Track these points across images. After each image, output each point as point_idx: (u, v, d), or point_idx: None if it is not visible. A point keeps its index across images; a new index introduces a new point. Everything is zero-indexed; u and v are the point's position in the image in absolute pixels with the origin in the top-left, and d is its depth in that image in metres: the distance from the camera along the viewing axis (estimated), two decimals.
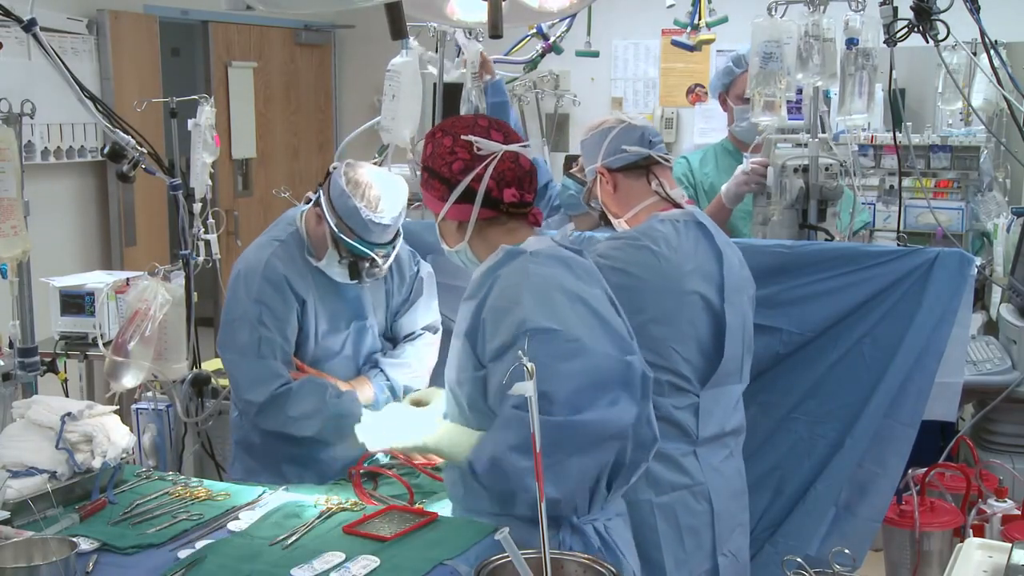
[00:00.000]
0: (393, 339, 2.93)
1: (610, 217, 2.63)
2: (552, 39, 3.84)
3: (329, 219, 2.60)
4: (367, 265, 2.65)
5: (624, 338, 2.03)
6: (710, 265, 2.46)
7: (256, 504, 2.25)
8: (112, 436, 2.34)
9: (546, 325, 1.92)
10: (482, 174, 2.03)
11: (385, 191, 2.62)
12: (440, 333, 2.96)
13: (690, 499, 2.42)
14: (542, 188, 3.46)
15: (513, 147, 2.06)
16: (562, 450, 1.88)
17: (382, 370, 2.83)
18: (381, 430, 2.24)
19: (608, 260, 2.37)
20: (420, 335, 2.94)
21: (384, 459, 2.70)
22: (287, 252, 2.69)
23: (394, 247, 2.68)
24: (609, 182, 2.56)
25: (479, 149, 2.03)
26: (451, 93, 3.57)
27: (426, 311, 2.95)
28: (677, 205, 2.52)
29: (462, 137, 2.05)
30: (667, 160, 2.57)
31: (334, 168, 2.65)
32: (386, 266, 2.68)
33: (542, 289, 1.98)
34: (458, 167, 2.05)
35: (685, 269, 2.41)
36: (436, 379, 2.87)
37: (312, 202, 2.69)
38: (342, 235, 2.59)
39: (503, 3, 2.25)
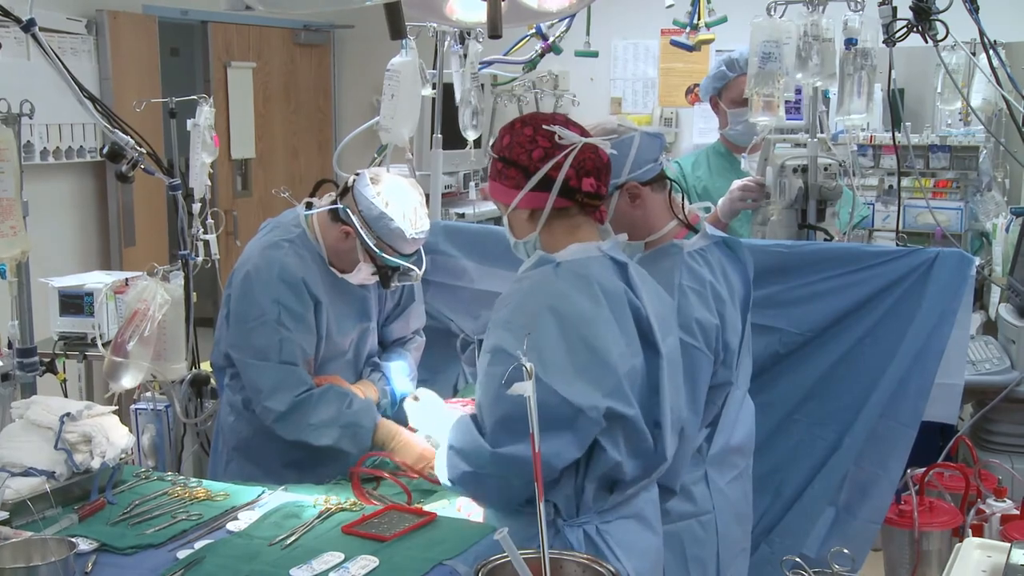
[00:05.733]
0: (382, 343, 2.95)
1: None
2: (551, 39, 3.83)
3: (367, 239, 2.61)
4: (397, 272, 2.70)
5: (599, 377, 1.97)
6: (735, 282, 2.45)
7: (255, 504, 2.25)
8: (111, 436, 2.34)
9: (508, 350, 1.92)
10: (562, 162, 2.03)
11: (416, 203, 2.66)
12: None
13: (697, 528, 2.38)
14: None
15: (594, 139, 2.08)
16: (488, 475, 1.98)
17: (384, 374, 2.84)
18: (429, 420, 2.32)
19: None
20: (411, 339, 2.98)
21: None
22: (298, 253, 2.66)
23: (421, 251, 2.74)
24: (638, 198, 2.36)
25: (560, 139, 2.04)
26: (451, 93, 3.57)
27: (417, 316, 2.99)
28: (689, 224, 2.41)
29: (544, 127, 2.05)
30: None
31: (353, 182, 2.65)
32: (423, 271, 2.72)
33: (532, 310, 1.99)
34: (538, 155, 2.05)
35: (727, 302, 2.40)
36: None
37: (335, 218, 2.66)
38: (382, 253, 2.63)
39: (502, 3, 2.25)
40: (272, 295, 2.60)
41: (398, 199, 2.62)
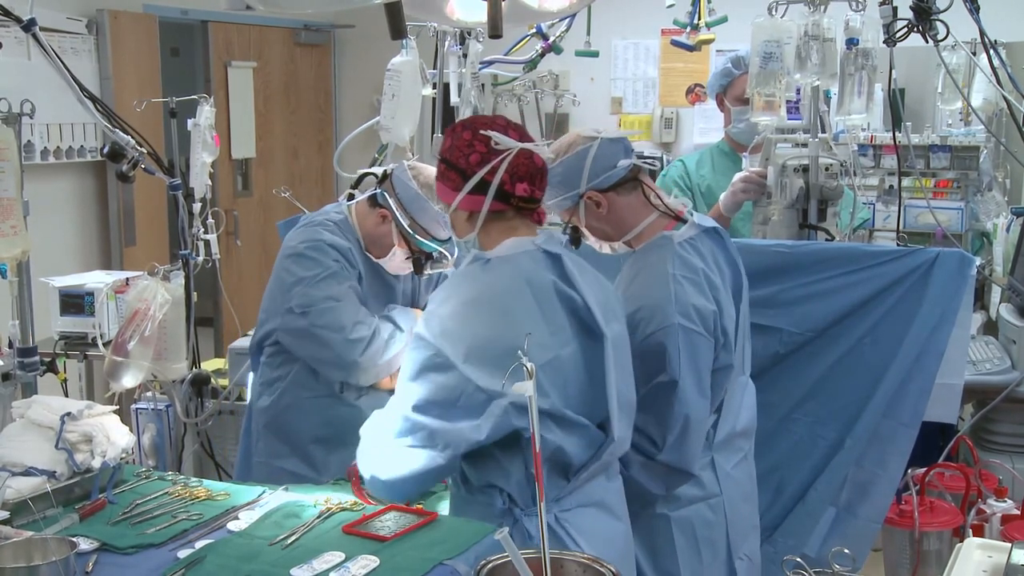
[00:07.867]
0: None
1: (596, 240, 2.51)
2: (552, 39, 3.83)
3: (402, 220, 2.74)
4: (429, 259, 2.82)
5: (511, 368, 1.99)
6: (727, 269, 2.46)
7: (256, 504, 2.25)
8: (112, 436, 2.34)
9: (427, 336, 2.07)
10: (497, 167, 2.11)
11: None
12: None
13: (706, 511, 2.41)
14: None
15: (528, 145, 2.14)
16: (401, 440, 2.07)
17: None
18: None
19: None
20: None
21: None
22: (341, 233, 2.80)
23: (451, 239, 2.83)
24: (602, 205, 2.42)
25: (496, 144, 2.11)
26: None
27: None
28: (677, 216, 2.45)
29: (481, 132, 2.13)
30: (650, 163, 2.53)
31: (392, 170, 2.79)
32: (455, 257, 2.82)
33: (456, 300, 2.10)
34: (475, 159, 2.12)
35: (720, 289, 2.41)
36: None
37: (373, 203, 2.78)
38: (416, 235, 2.75)
39: (503, 3, 2.25)
40: (331, 255, 2.75)
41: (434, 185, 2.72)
